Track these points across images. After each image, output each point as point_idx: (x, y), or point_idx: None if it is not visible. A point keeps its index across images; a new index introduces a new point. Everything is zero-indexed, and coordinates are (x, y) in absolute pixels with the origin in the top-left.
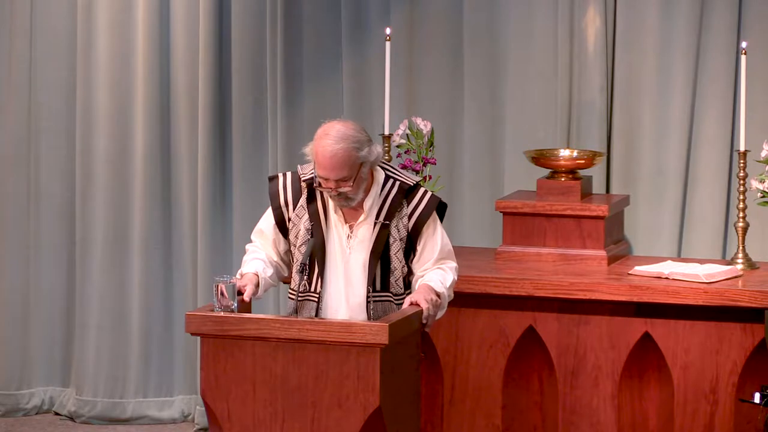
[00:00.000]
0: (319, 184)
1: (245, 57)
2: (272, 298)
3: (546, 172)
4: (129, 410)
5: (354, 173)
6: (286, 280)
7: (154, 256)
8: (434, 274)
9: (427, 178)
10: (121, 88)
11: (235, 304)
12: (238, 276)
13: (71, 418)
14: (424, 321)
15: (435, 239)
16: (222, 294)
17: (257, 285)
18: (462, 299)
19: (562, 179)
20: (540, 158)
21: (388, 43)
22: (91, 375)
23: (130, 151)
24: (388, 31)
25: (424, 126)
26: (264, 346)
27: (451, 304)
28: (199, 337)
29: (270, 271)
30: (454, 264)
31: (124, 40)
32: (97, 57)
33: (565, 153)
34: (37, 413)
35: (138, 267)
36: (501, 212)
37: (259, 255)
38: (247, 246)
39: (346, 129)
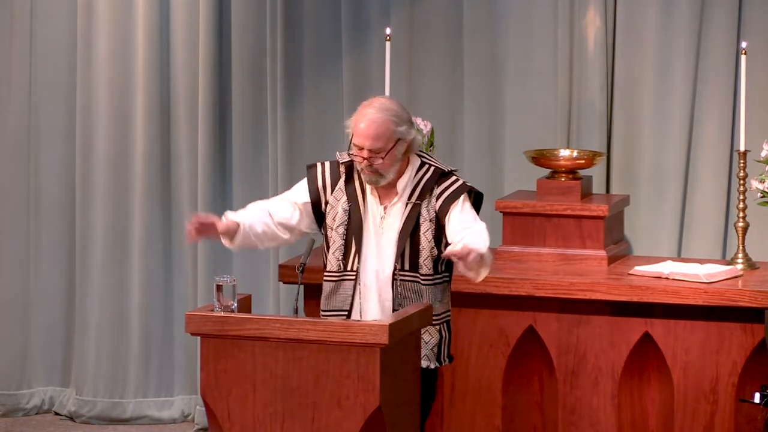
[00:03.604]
0: (354, 155)
1: (245, 57)
2: (272, 298)
3: (546, 172)
4: (129, 410)
5: (388, 146)
6: (282, 242)
7: (154, 256)
8: (471, 236)
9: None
10: (121, 88)
11: (235, 304)
12: (223, 219)
13: (71, 418)
14: (469, 269)
15: (461, 210)
16: (222, 294)
17: (234, 232)
18: (462, 299)
19: (562, 179)
20: (540, 158)
21: (388, 43)
22: (91, 375)
23: (130, 151)
24: (388, 31)
25: (424, 126)
26: (264, 346)
27: (451, 303)
28: (199, 337)
29: (259, 229)
30: (483, 225)
31: (124, 40)
32: (97, 57)
33: (565, 153)
34: (37, 413)
35: (138, 267)
36: (501, 212)
37: (258, 209)
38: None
39: (391, 103)
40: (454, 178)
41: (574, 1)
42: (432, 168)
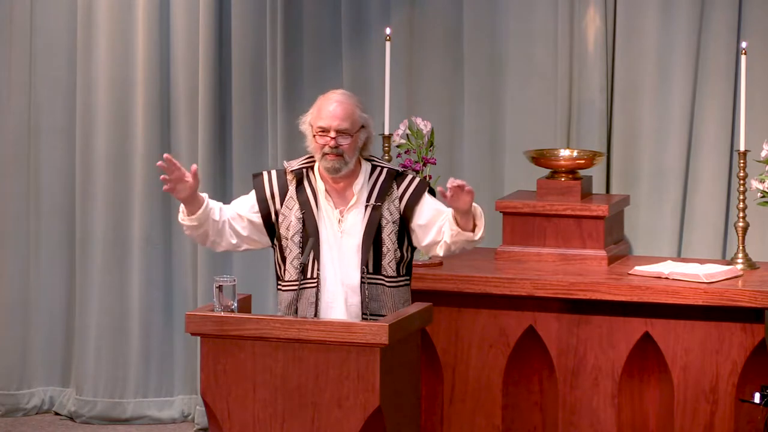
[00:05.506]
0: (318, 139)
1: (245, 57)
2: (272, 298)
3: (546, 172)
4: (129, 410)
5: (354, 130)
6: (227, 245)
7: (154, 256)
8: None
9: (427, 178)
10: (121, 88)
11: (235, 304)
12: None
13: (71, 418)
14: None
15: (430, 202)
16: (222, 294)
17: (200, 204)
18: (462, 299)
19: (562, 179)
20: (540, 158)
21: (388, 43)
22: (91, 375)
23: (130, 151)
24: (388, 31)
25: (424, 126)
26: (264, 346)
27: (451, 303)
28: (199, 337)
29: (216, 216)
30: None
31: (124, 40)
32: (97, 57)
33: (565, 153)
34: (37, 413)
35: (138, 267)
36: (501, 212)
37: (215, 203)
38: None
39: (353, 94)
40: (410, 177)
41: (574, 1)
42: (385, 170)
